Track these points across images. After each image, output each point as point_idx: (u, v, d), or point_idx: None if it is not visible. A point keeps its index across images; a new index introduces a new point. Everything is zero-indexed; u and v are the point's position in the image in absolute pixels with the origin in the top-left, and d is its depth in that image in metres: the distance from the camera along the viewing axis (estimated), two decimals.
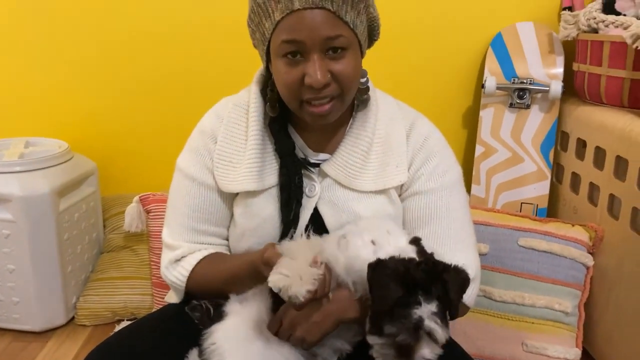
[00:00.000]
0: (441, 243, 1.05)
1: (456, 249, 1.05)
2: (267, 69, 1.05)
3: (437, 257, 0.99)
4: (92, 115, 1.92)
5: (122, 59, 1.88)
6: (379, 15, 1.04)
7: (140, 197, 1.68)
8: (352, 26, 0.96)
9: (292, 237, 1.06)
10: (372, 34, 1.05)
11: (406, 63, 1.88)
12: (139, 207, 1.68)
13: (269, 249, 0.94)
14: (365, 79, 1.08)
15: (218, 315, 1.02)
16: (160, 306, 1.28)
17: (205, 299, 1.07)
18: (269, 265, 0.90)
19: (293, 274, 0.87)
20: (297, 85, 0.97)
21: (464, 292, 0.92)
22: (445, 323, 0.85)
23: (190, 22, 1.85)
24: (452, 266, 0.91)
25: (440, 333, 0.84)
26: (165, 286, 1.14)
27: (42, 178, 1.60)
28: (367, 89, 1.09)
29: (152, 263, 1.69)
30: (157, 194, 1.69)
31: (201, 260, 1.08)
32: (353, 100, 1.07)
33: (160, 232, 1.16)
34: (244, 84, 1.16)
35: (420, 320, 0.84)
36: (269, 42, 0.97)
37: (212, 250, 1.11)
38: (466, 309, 1.07)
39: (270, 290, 0.90)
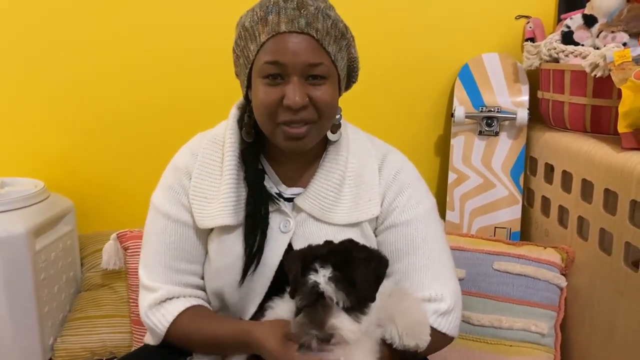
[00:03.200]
0: (420, 274, 1.07)
1: (435, 279, 1.06)
2: (246, 97, 1.08)
3: (416, 288, 1.04)
4: (67, 153, 1.92)
5: (95, 95, 1.89)
6: (358, 58, 1.07)
7: (117, 234, 1.68)
8: (333, 58, 1.00)
9: (255, 269, 1.05)
10: (351, 75, 1.08)
11: (378, 95, 1.93)
12: (116, 245, 1.67)
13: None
14: (339, 115, 1.10)
15: None
16: (140, 345, 1.27)
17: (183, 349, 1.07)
18: None
19: None
20: (275, 106, 0.99)
21: (374, 268, 0.93)
22: (345, 289, 0.88)
23: (163, 57, 1.87)
24: (364, 246, 0.97)
25: (332, 294, 0.88)
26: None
27: (18, 218, 1.58)
28: (340, 125, 1.11)
29: (130, 300, 1.68)
30: (135, 230, 1.68)
31: (185, 310, 1.06)
32: (325, 134, 1.09)
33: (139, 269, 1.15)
34: (220, 118, 1.17)
35: (316, 283, 0.88)
36: (252, 64, 1.00)
37: (193, 299, 1.09)
38: (448, 339, 1.07)
39: None
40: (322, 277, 0.89)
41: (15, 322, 1.59)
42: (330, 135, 1.10)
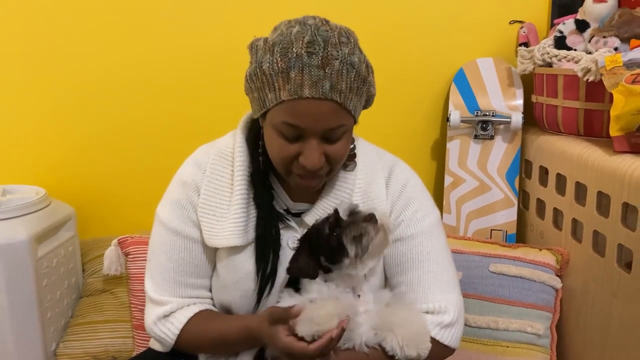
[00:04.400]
0: (424, 287, 1.09)
1: (439, 291, 1.08)
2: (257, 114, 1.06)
3: (420, 300, 1.08)
4: (68, 160, 1.93)
5: (95, 101, 1.90)
6: (376, 91, 1.06)
7: (118, 239, 1.69)
8: (353, 113, 0.98)
9: (270, 290, 1.06)
10: (366, 105, 1.08)
11: (376, 101, 1.94)
12: (117, 250, 1.69)
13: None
14: (352, 145, 1.10)
15: None
16: (142, 349, 1.29)
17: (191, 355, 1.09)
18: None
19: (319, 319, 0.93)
20: (290, 160, 0.99)
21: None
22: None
23: (163, 64, 1.89)
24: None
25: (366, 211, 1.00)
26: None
27: (20, 225, 1.60)
28: (354, 155, 1.11)
29: (132, 305, 1.70)
30: (136, 236, 1.70)
31: (192, 317, 1.08)
32: None
33: (140, 274, 1.17)
34: (222, 126, 1.18)
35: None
36: (268, 110, 0.98)
37: (201, 305, 1.10)
38: (450, 350, 1.09)
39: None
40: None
41: (18, 327, 1.61)
42: (346, 165, 1.11)
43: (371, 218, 0.98)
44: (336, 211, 1.00)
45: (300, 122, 0.94)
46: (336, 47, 0.93)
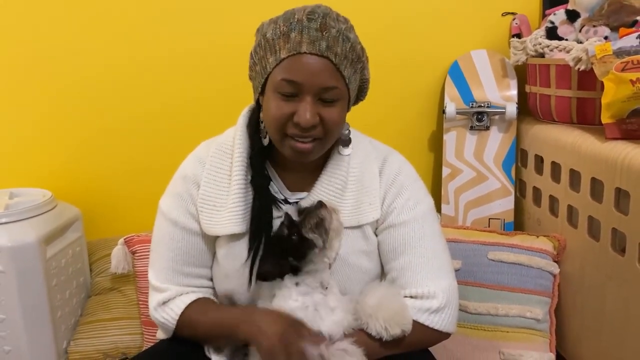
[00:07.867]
0: (415, 272, 1.10)
1: (429, 277, 1.10)
2: (257, 101, 1.11)
3: (410, 285, 1.10)
4: (73, 163, 1.96)
5: (98, 104, 1.93)
6: (369, 79, 1.12)
7: (125, 239, 1.72)
8: (347, 81, 1.02)
9: None
10: (360, 94, 1.12)
11: (371, 94, 1.93)
12: (124, 249, 1.72)
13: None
14: (347, 131, 1.14)
15: None
16: (151, 344, 1.33)
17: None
18: None
19: None
20: (285, 120, 1.02)
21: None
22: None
23: (167, 66, 1.91)
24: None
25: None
26: (154, 324, 1.19)
27: (28, 228, 1.63)
28: (350, 140, 1.15)
29: (140, 302, 1.73)
30: (142, 234, 1.73)
31: (190, 304, 1.11)
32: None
33: (147, 272, 1.20)
34: (224, 125, 1.20)
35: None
36: (268, 75, 1.03)
37: (199, 294, 1.14)
38: (444, 335, 1.11)
39: None
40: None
41: (29, 327, 1.65)
42: (342, 150, 1.14)
43: (321, 205, 1.05)
44: (287, 214, 1.05)
45: (297, 77, 0.99)
46: (334, 20, 1.01)
